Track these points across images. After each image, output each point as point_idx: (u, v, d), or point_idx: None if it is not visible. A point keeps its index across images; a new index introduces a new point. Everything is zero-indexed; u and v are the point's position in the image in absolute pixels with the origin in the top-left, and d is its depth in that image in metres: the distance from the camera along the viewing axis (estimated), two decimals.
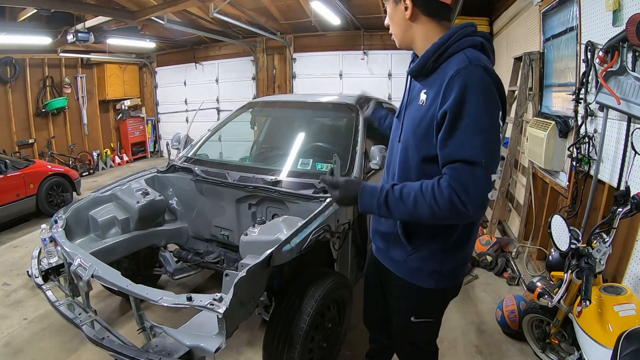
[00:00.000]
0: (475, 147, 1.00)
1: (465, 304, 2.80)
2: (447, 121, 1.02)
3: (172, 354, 1.45)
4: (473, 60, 1.04)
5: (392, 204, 1.10)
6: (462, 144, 1.01)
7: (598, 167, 2.12)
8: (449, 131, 1.02)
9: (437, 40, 1.10)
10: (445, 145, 1.04)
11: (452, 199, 1.00)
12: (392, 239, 1.30)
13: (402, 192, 1.09)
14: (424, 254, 1.24)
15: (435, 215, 1.04)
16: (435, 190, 1.03)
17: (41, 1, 4.36)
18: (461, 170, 1.00)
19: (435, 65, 1.11)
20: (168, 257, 2.53)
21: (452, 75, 1.03)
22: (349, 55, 7.14)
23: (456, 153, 1.01)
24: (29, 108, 6.87)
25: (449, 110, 1.02)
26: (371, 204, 1.13)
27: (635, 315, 1.44)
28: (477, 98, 1.00)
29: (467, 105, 1.00)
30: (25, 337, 2.43)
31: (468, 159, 1.00)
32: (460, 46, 1.08)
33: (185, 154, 2.81)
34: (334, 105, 3.03)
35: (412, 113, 1.19)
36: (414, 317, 1.37)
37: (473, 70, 1.02)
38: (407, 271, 1.28)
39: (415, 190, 1.07)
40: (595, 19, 2.15)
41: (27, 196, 4.56)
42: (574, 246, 1.59)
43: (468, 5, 4.83)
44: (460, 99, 1.00)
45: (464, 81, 1.01)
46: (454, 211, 1.01)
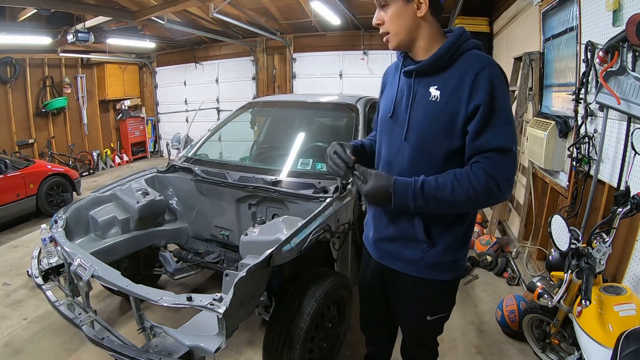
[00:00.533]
0: (507, 135, 1.11)
1: (465, 304, 2.80)
2: (480, 114, 1.10)
3: (172, 354, 1.45)
4: (487, 58, 1.14)
5: (429, 193, 1.12)
6: (498, 134, 1.10)
7: (598, 167, 2.12)
8: (482, 124, 1.10)
9: (451, 39, 1.16)
10: (478, 137, 1.11)
11: (488, 184, 1.09)
12: (405, 240, 1.29)
13: (438, 181, 1.13)
14: (440, 248, 1.26)
15: (472, 200, 1.12)
16: (471, 177, 1.10)
17: (41, 1, 4.36)
18: (495, 158, 1.10)
19: (449, 63, 1.16)
20: (168, 257, 2.53)
21: (478, 72, 1.10)
22: (349, 55, 7.14)
23: (491, 143, 1.10)
24: (29, 108, 6.87)
25: (482, 104, 1.09)
26: (406, 196, 1.14)
27: (635, 315, 1.44)
28: (502, 93, 1.11)
29: (497, 99, 1.10)
30: (25, 337, 2.43)
31: (504, 146, 1.10)
32: (469, 46, 1.16)
33: (185, 154, 2.81)
34: (334, 105, 3.03)
35: (424, 111, 1.18)
36: (430, 316, 1.38)
37: (493, 67, 1.12)
38: (423, 268, 1.29)
39: (450, 178, 1.12)
40: (595, 19, 2.15)
41: (27, 196, 4.56)
42: (574, 246, 1.59)
43: (468, 5, 4.83)
44: (491, 94, 1.09)
45: (490, 77, 1.10)
46: (490, 194, 1.11)
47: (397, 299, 1.44)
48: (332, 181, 2.13)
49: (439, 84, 1.16)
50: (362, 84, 6.86)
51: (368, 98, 2.84)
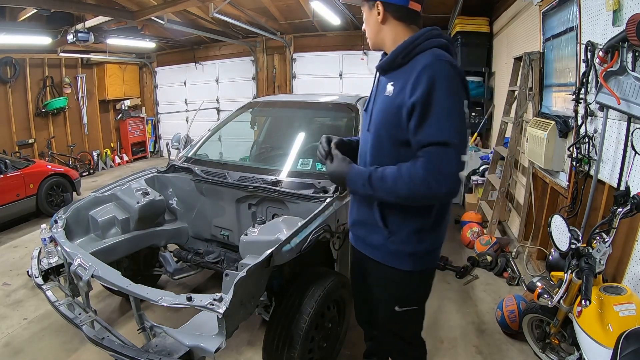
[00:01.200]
0: (445, 130, 1.12)
1: (465, 304, 2.80)
2: (418, 110, 1.14)
3: (172, 354, 1.45)
4: (439, 56, 1.17)
5: (375, 184, 1.21)
6: (434, 129, 1.13)
7: (598, 167, 2.12)
8: (420, 119, 1.14)
9: (407, 39, 1.24)
10: (418, 132, 1.16)
11: (427, 178, 1.12)
12: (370, 225, 1.35)
13: (384, 173, 1.21)
14: (400, 237, 1.30)
15: (413, 194, 1.16)
16: (411, 171, 1.15)
17: (41, 1, 4.36)
18: (434, 152, 1.12)
19: (403, 61, 1.24)
20: (168, 257, 2.54)
21: (421, 70, 1.16)
22: (349, 55, 7.14)
23: (429, 137, 1.13)
24: (29, 108, 6.87)
25: (419, 101, 1.13)
26: (357, 183, 1.26)
27: (635, 315, 1.44)
28: (444, 88, 1.13)
29: (436, 94, 1.12)
30: (25, 337, 2.43)
31: (440, 141, 1.12)
32: (428, 45, 1.21)
33: (185, 154, 2.81)
34: (334, 105, 3.03)
35: (380, 104, 1.30)
36: (398, 307, 1.41)
37: (440, 64, 1.15)
38: (387, 255, 1.35)
39: (394, 171, 1.19)
40: (595, 19, 2.15)
41: (27, 196, 4.56)
42: (574, 246, 1.59)
43: (468, 5, 4.83)
44: (429, 89, 1.12)
45: (432, 74, 1.14)
46: (429, 190, 1.13)
47: (367, 285, 1.50)
48: None
49: (395, 80, 1.25)
50: (362, 84, 6.85)
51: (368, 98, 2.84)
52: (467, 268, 3.24)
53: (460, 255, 3.59)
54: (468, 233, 3.82)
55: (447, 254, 3.51)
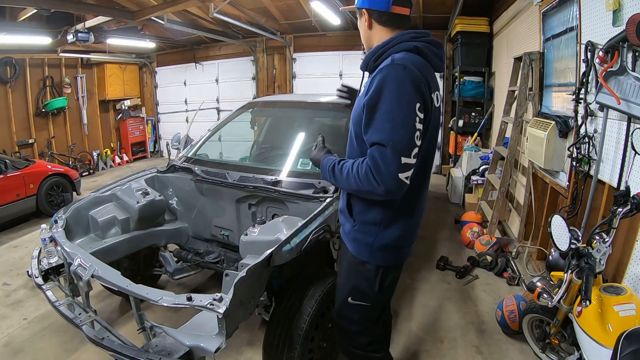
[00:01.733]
0: (385, 132, 1.18)
1: (465, 304, 2.80)
2: (366, 111, 1.23)
3: (172, 354, 1.45)
4: (396, 60, 1.22)
5: (336, 173, 1.34)
6: (376, 130, 1.20)
7: (598, 167, 2.12)
8: (367, 119, 1.23)
9: (377, 44, 1.32)
10: (365, 131, 1.25)
11: (367, 175, 1.21)
12: (344, 213, 1.46)
13: (343, 165, 1.33)
14: (361, 227, 1.39)
15: (359, 188, 1.26)
16: (359, 167, 1.25)
17: (41, 1, 4.36)
18: (375, 152, 1.20)
19: (374, 65, 1.31)
20: (168, 257, 2.53)
21: (376, 73, 1.24)
22: (349, 55, 7.14)
23: (372, 137, 1.21)
24: (29, 108, 6.87)
25: (367, 102, 1.22)
26: (325, 171, 1.40)
27: (635, 315, 1.44)
28: (391, 91, 1.18)
29: (382, 97, 1.19)
30: (25, 337, 2.43)
31: (379, 141, 1.19)
32: (395, 50, 1.26)
33: (185, 154, 2.81)
34: (334, 105, 3.03)
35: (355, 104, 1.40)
36: (351, 298, 1.48)
37: (392, 68, 1.20)
38: (351, 242, 1.44)
39: (348, 165, 1.30)
40: (595, 19, 2.15)
41: (27, 196, 4.57)
42: (574, 246, 1.59)
43: (468, 5, 4.84)
44: (378, 92, 1.20)
45: (383, 77, 1.20)
46: (369, 186, 1.21)
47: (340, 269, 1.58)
48: None
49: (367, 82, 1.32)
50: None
51: None
52: (467, 268, 3.24)
53: (460, 255, 3.59)
54: (468, 233, 3.82)
55: (447, 254, 3.51)
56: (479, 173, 4.68)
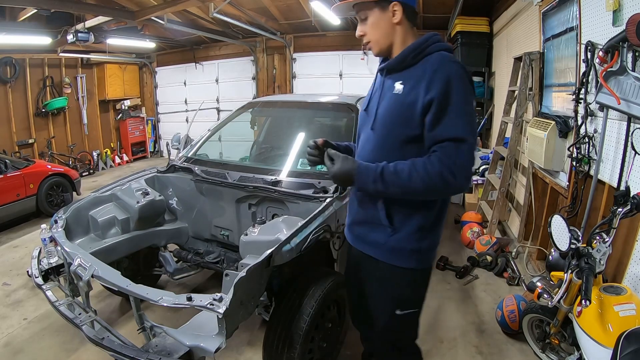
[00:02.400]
0: (460, 127, 1.17)
1: (465, 304, 2.80)
2: (434, 107, 1.18)
3: (172, 354, 1.45)
4: (451, 58, 1.24)
5: (388, 178, 1.20)
6: (450, 126, 1.17)
7: (598, 167, 2.12)
8: (437, 116, 1.18)
9: (417, 41, 1.28)
10: (433, 128, 1.19)
11: (442, 172, 1.15)
12: (373, 223, 1.35)
13: (397, 167, 1.21)
14: (404, 234, 1.31)
15: (428, 188, 1.18)
16: (427, 165, 1.17)
17: (41, 1, 4.36)
18: (450, 147, 1.16)
19: (413, 61, 1.27)
20: (168, 257, 2.54)
21: (435, 69, 1.20)
22: (349, 55, 7.14)
23: (444, 133, 1.17)
24: (29, 108, 6.87)
25: (436, 99, 1.17)
26: (367, 179, 1.23)
27: (635, 315, 1.44)
28: (458, 88, 1.18)
29: (452, 93, 1.17)
30: (25, 337, 2.43)
31: (455, 137, 1.16)
32: (435, 48, 1.26)
33: (185, 154, 2.81)
34: (334, 105, 3.03)
35: (387, 103, 1.30)
36: (399, 310, 1.39)
37: (452, 65, 1.21)
38: (388, 253, 1.34)
39: (408, 165, 1.20)
40: (595, 19, 2.15)
41: (27, 196, 4.56)
42: (574, 246, 1.59)
43: (468, 5, 4.83)
44: (446, 88, 1.17)
45: (447, 74, 1.19)
46: (444, 183, 1.16)
47: (367, 285, 1.46)
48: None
49: (404, 79, 1.27)
50: (362, 84, 6.79)
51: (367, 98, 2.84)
52: (467, 268, 3.24)
53: (460, 255, 3.59)
54: (468, 233, 3.82)
55: (447, 254, 3.51)
56: (479, 173, 4.68)
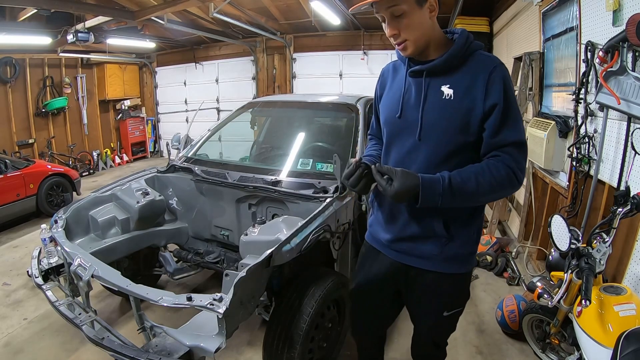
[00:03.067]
0: (521, 131, 1.19)
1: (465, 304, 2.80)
2: (498, 112, 1.15)
3: (172, 354, 1.45)
4: (498, 59, 1.20)
5: (456, 188, 1.14)
6: (514, 130, 1.17)
7: (598, 167, 2.12)
8: (501, 121, 1.15)
9: (460, 40, 1.19)
10: (498, 133, 1.16)
11: (509, 174, 1.15)
12: (423, 237, 1.29)
13: (462, 176, 1.15)
14: (459, 242, 1.28)
15: (494, 191, 1.18)
16: (492, 170, 1.15)
17: (41, 1, 4.36)
18: (514, 151, 1.17)
19: (460, 62, 1.19)
20: (168, 257, 2.53)
21: (490, 72, 1.16)
22: (349, 55, 7.14)
23: (509, 137, 1.16)
24: (29, 108, 6.87)
25: (499, 103, 1.14)
26: (434, 193, 1.13)
27: (635, 315, 1.44)
28: (512, 91, 1.18)
29: (510, 97, 1.16)
30: (25, 337, 2.43)
31: (519, 140, 1.17)
32: (475, 47, 1.21)
33: (185, 154, 2.81)
34: (334, 105, 3.03)
35: (437, 109, 1.21)
36: (447, 311, 1.40)
37: (504, 67, 1.18)
38: (443, 263, 1.30)
39: (473, 172, 1.16)
40: (595, 19, 2.15)
41: (27, 196, 4.56)
42: (574, 246, 1.59)
43: (468, 5, 4.83)
44: (504, 91, 1.15)
45: (503, 77, 1.16)
46: (511, 186, 1.18)
47: (413, 296, 1.43)
48: (332, 181, 2.13)
49: (452, 82, 1.19)
50: (362, 84, 6.84)
51: (368, 98, 2.84)
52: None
53: None
54: None
55: None
56: None
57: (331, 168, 2.24)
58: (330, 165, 2.28)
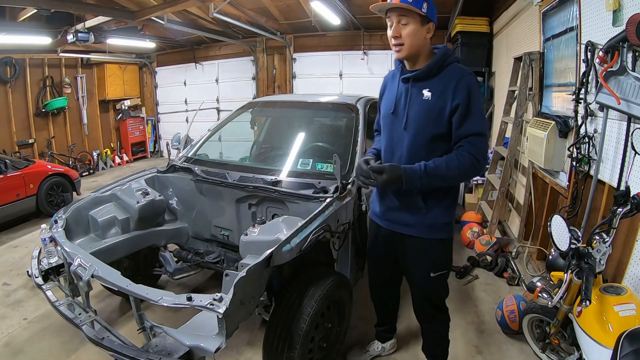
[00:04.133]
0: (481, 125, 1.55)
1: (465, 304, 2.80)
2: (461, 110, 1.51)
3: (172, 354, 1.45)
4: (465, 69, 1.59)
5: (431, 173, 1.52)
6: (473, 123, 1.52)
7: (598, 167, 2.12)
8: (463, 117, 1.51)
9: (439, 55, 1.58)
10: (461, 126, 1.53)
11: (472, 160, 1.51)
12: (409, 208, 1.67)
13: (435, 163, 1.53)
14: (436, 212, 1.66)
15: (462, 175, 1.58)
16: (459, 157, 1.52)
17: (41, 1, 4.36)
18: (476, 141, 1.52)
19: (437, 72, 1.57)
20: (168, 257, 2.54)
21: (458, 79, 1.53)
22: (349, 55, 7.14)
23: (470, 129, 1.52)
24: (29, 108, 6.87)
25: (462, 104, 1.51)
26: (414, 179, 1.53)
27: (635, 315, 1.44)
28: (477, 94, 1.55)
29: (473, 97, 1.52)
30: (25, 337, 2.43)
31: (480, 132, 1.53)
32: (451, 60, 1.59)
33: (185, 154, 2.81)
34: (334, 105, 3.03)
35: (417, 107, 1.59)
36: (433, 272, 1.73)
37: (470, 76, 1.57)
38: (424, 229, 1.67)
39: (444, 160, 1.53)
40: (595, 19, 2.15)
41: (27, 196, 4.57)
42: (574, 246, 1.59)
43: (468, 5, 4.83)
44: (468, 94, 1.52)
45: (469, 83, 1.54)
46: (474, 169, 1.55)
47: (405, 258, 1.80)
48: (332, 181, 2.13)
49: (430, 87, 1.57)
50: (362, 84, 6.85)
51: (368, 98, 2.84)
52: (467, 268, 3.24)
53: (460, 255, 3.59)
54: (468, 233, 3.82)
55: None
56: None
57: (331, 168, 2.24)
58: (330, 166, 2.28)
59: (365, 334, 2.38)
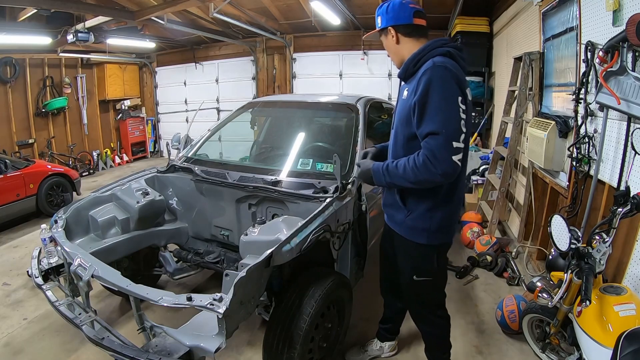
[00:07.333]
0: (436, 123, 1.39)
1: (465, 304, 2.80)
2: (417, 108, 1.43)
3: (172, 354, 1.45)
4: (437, 62, 1.43)
5: (391, 173, 1.52)
6: (428, 122, 1.41)
7: (598, 167, 2.12)
8: (420, 115, 1.43)
9: (415, 52, 1.53)
10: (419, 126, 1.45)
11: (425, 162, 1.40)
12: (395, 206, 1.67)
13: (397, 163, 1.51)
14: (416, 215, 1.60)
15: (417, 177, 1.44)
16: (415, 159, 1.44)
17: (41, 1, 4.36)
18: (430, 141, 1.40)
19: (413, 70, 1.52)
20: (168, 257, 2.53)
21: (421, 75, 1.44)
22: (349, 55, 7.14)
23: (425, 129, 1.41)
24: (29, 108, 6.88)
25: (418, 100, 1.42)
26: (380, 176, 1.57)
27: (635, 315, 1.44)
28: (437, 88, 1.39)
29: (430, 94, 1.40)
30: (25, 337, 2.43)
31: (433, 131, 1.39)
32: (431, 55, 1.47)
33: (185, 154, 2.81)
34: (334, 105, 3.03)
35: (399, 107, 1.63)
36: (416, 276, 1.70)
37: (436, 69, 1.41)
38: (406, 230, 1.65)
39: (404, 160, 1.49)
40: (595, 19, 2.15)
41: (27, 196, 4.57)
42: (574, 246, 1.59)
43: (468, 5, 4.84)
44: (425, 91, 1.40)
45: (428, 78, 1.41)
46: (427, 173, 1.40)
47: (395, 254, 1.80)
48: (332, 181, 2.13)
49: (409, 86, 1.55)
50: (362, 84, 6.86)
51: (368, 98, 2.84)
52: (467, 268, 3.24)
53: (460, 255, 3.59)
54: (468, 233, 3.82)
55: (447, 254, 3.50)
56: (479, 173, 4.68)
57: (331, 168, 2.24)
58: (330, 165, 2.28)
59: (365, 333, 2.39)
